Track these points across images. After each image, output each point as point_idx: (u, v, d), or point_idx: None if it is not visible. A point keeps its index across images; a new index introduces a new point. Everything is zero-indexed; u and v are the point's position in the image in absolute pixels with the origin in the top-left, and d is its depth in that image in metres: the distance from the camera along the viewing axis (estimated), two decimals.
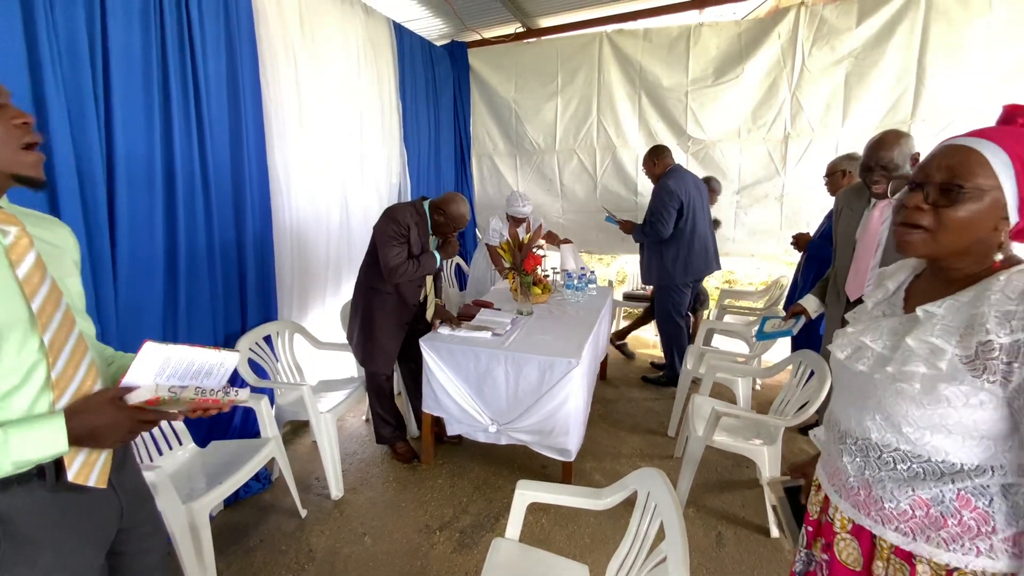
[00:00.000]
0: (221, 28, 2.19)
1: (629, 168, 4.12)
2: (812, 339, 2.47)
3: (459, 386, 2.30)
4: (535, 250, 2.87)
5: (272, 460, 2.06)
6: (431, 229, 2.39)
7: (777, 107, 3.59)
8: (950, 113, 3.16)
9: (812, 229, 3.18)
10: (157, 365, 0.85)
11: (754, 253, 4.06)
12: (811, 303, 1.99)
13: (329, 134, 2.95)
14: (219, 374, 0.94)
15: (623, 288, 4.80)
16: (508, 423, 2.25)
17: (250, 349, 2.28)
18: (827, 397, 1.78)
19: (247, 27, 2.32)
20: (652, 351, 4.19)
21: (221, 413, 2.45)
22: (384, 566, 1.89)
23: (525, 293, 2.72)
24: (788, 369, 2.32)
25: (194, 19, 2.04)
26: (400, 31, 3.62)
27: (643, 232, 3.24)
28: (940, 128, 3.17)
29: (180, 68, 2.00)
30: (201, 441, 2.01)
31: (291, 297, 2.75)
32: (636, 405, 3.21)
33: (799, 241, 2.89)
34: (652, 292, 3.60)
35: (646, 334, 4.70)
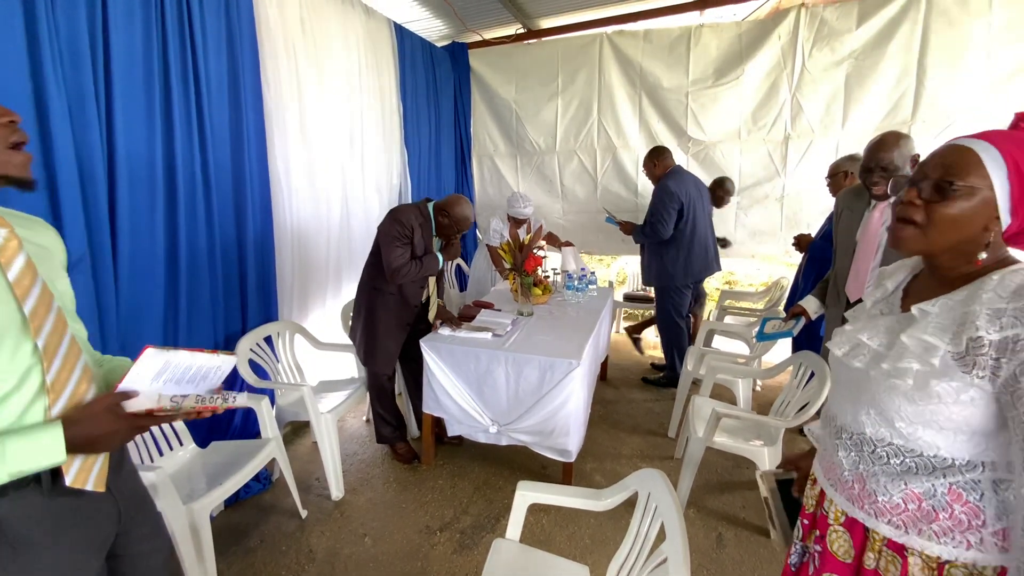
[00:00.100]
0: (222, 28, 2.19)
1: (629, 169, 4.12)
2: (813, 340, 2.47)
3: (459, 387, 2.30)
4: (535, 251, 2.87)
5: (272, 461, 2.06)
6: (435, 231, 2.39)
7: (777, 108, 3.59)
8: (950, 114, 3.16)
9: (812, 230, 3.18)
10: (156, 370, 0.84)
11: (754, 254, 4.07)
12: (811, 304, 1.99)
13: (330, 134, 2.95)
14: (216, 377, 0.94)
15: (623, 289, 4.80)
16: (508, 424, 2.25)
17: (251, 350, 2.27)
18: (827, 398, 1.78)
19: (248, 28, 2.32)
20: (652, 352, 4.19)
21: (221, 413, 2.45)
22: (384, 567, 1.89)
23: (525, 294, 2.72)
24: (788, 370, 2.32)
25: (195, 19, 2.04)
26: (401, 32, 3.62)
27: (643, 233, 3.24)
28: (940, 129, 3.18)
29: (181, 68, 2.01)
30: (201, 441, 2.01)
31: (292, 297, 2.75)
32: (636, 406, 3.20)
33: (800, 242, 2.89)
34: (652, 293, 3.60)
35: (647, 335, 4.69)
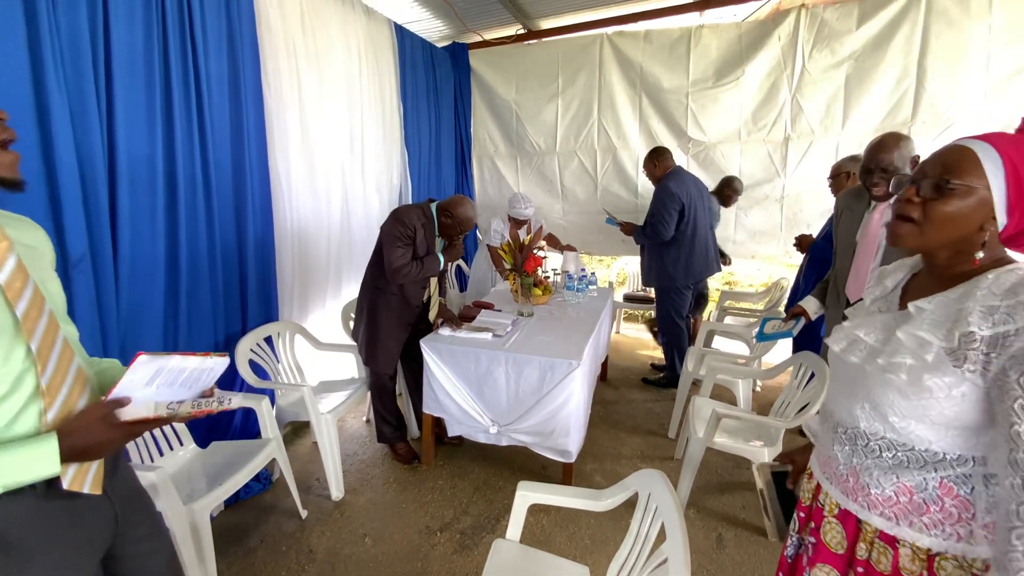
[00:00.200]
0: (223, 29, 2.20)
1: (630, 170, 4.12)
2: (813, 341, 2.47)
3: (460, 387, 2.30)
4: (536, 251, 2.87)
5: (273, 461, 2.06)
6: (438, 231, 2.40)
7: (777, 109, 3.59)
8: (950, 115, 3.17)
9: (812, 231, 3.18)
10: (148, 376, 0.83)
11: (754, 255, 4.07)
12: (811, 304, 2.00)
13: (330, 135, 2.95)
14: (208, 378, 0.94)
15: (623, 289, 4.80)
16: (509, 424, 2.25)
17: (251, 350, 2.27)
18: None
19: (248, 28, 2.33)
20: (652, 352, 4.20)
21: (221, 413, 2.45)
22: (384, 567, 1.89)
23: (526, 294, 2.72)
24: (788, 371, 2.32)
25: (196, 20, 2.05)
26: (401, 32, 3.62)
27: (644, 234, 3.24)
28: (940, 130, 3.18)
29: (182, 68, 2.01)
30: (202, 442, 2.01)
31: (292, 298, 2.75)
32: (636, 406, 3.21)
33: (801, 243, 2.89)
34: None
35: (647, 335, 4.70)
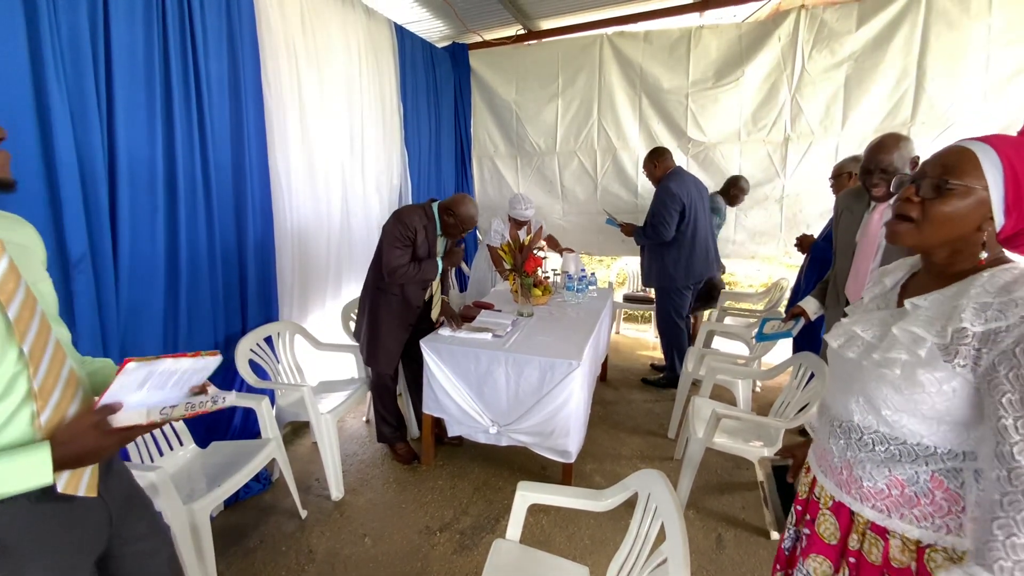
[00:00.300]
0: (223, 28, 2.20)
1: (629, 170, 4.12)
2: (813, 341, 2.47)
3: (460, 387, 2.30)
4: (536, 252, 2.87)
5: (272, 461, 2.06)
6: (441, 230, 2.40)
7: (777, 109, 3.60)
8: (950, 116, 3.17)
9: (812, 231, 3.18)
10: (139, 380, 0.82)
11: (754, 255, 4.07)
12: (811, 305, 2.00)
13: (330, 135, 2.95)
14: (199, 378, 0.93)
15: (623, 290, 4.80)
16: (508, 424, 2.25)
17: (251, 350, 2.28)
18: None
19: (249, 28, 2.33)
20: (652, 353, 4.20)
21: (221, 413, 2.44)
22: (384, 567, 1.89)
23: (525, 295, 2.72)
24: (788, 371, 2.32)
25: (196, 20, 2.05)
26: (401, 33, 3.63)
27: (644, 234, 3.24)
28: (940, 131, 3.18)
29: (182, 69, 2.01)
30: (201, 442, 2.01)
31: (292, 298, 2.75)
32: (636, 407, 3.21)
33: (802, 243, 2.89)
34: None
35: (646, 335, 4.70)
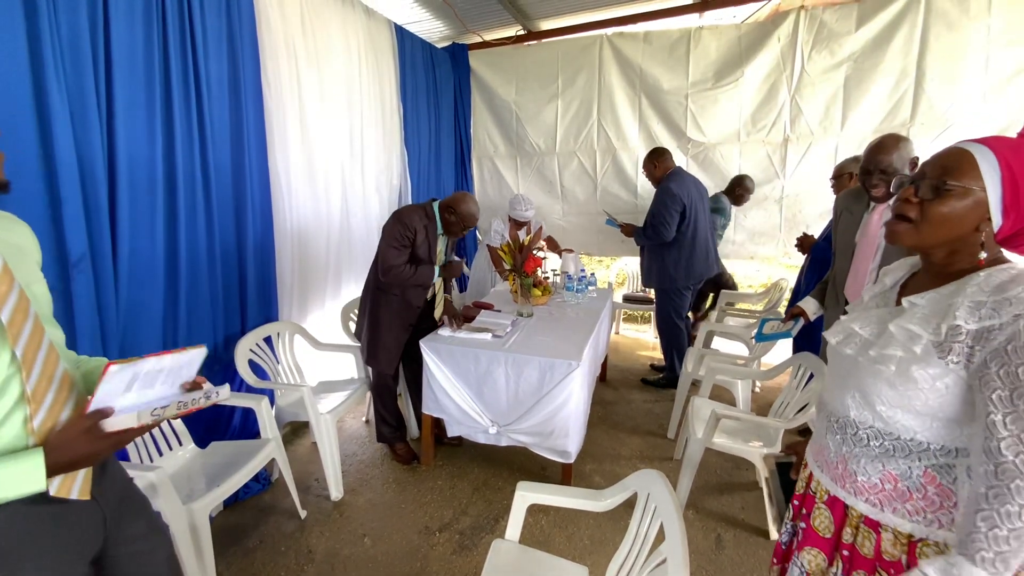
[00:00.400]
0: (223, 29, 2.20)
1: (629, 170, 4.12)
2: (812, 342, 2.47)
3: (459, 387, 2.30)
4: (535, 252, 2.87)
5: (272, 461, 2.06)
6: (442, 229, 2.41)
7: (776, 110, 3.60)
8: (949, 117, 3.17)
9: (811, 232, 3.18)
10: (124, 383, 0.81)
11: (753, 255, 4.07)
12: (810, 305, 2.00)
13: (330, 135, 2.95)
14: (188, 372, 0.92)
15: (623, 290, 4.80)
16: (508, 425, 2.25)
17: (250, 350, 2.28)
18: None
19: (249, 29, 2.33)
20: (652, 353, 4.20)
21: (221, 413, 2.43)
22: (384, 567, 1.89)
23: (525, 295, 2.72)
24: (788, 371, 2.32)
25: (196, 20, 2.05)
26: (401, 33, 3.63)
27: (645, 235, 3.24)
28: (939, 132, 3.18)
29: (182, 69, 2.01)
30: (201, 442, 2.01)
31: (291, 298, 2.75)
32: (636, 407, 3.21)
33: (803, 243, 2.89)
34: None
35: (646, 336, 4.70)
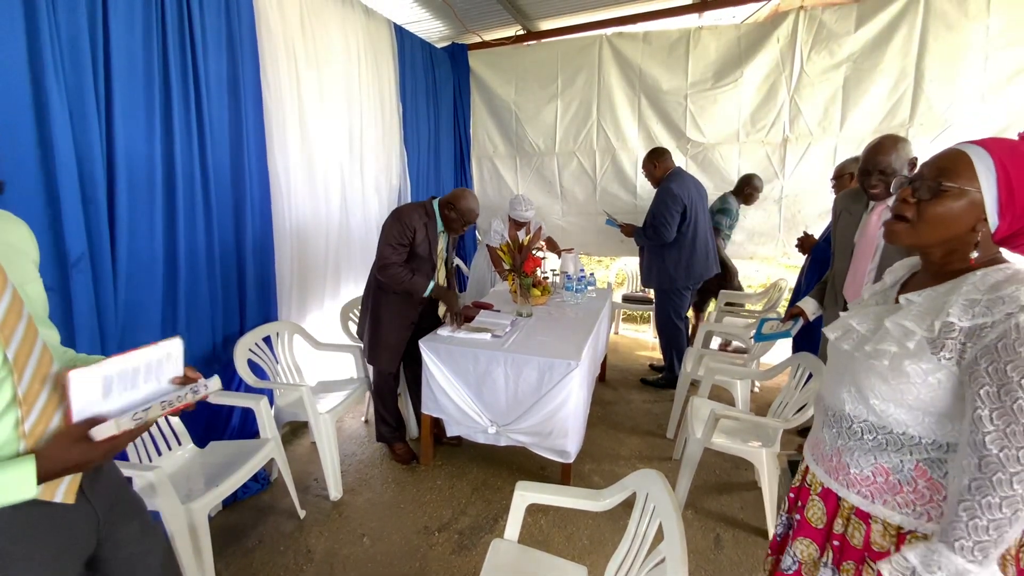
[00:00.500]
0: (222, 29, 2.20)
1: (628, 171, 4.13)
2: (812, 342, 2.47)
3: (458, 387, 2.30)
4: (535, 252, 2.87)
5: (271, 461, 2.06)
6: (443, 226, 2.41)
7: (776, 110, 3.60)
8: (948, 118, 3.17)
9: (810, 231, 3.18)
10: (99, 388, 0.79)
11: (753, 255, 4.08)
12: (809, 305, 2.00)
13: (329, 135, 2.95)
14: (171, 365, 0.89)
15: (622, 290, 4.80)
16: (507, 424, 2.25)
17: (249, 350, 2.27)
18: None
19: (248, 28, 2.33)
20: (651, 353, 4.20)
21: (220, 412, 2.43)
22: (383, 567, 1.89)
23: (524, 295, 2.72)
24: (787, 371, 2.33)
25: (195, 20, 2.05)
26: (401, 33, 3.63)
27: (645, 235, 3.24)
28: (938, 132, 3.19)
29: (181, 69, 2.01)
30: (200, 441, 2.01)
31: (290, 298, 2.75)
32: (635, 407, 3.21)
33: (804, 244, 2.89)
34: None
35: (645, 336, 4.70)
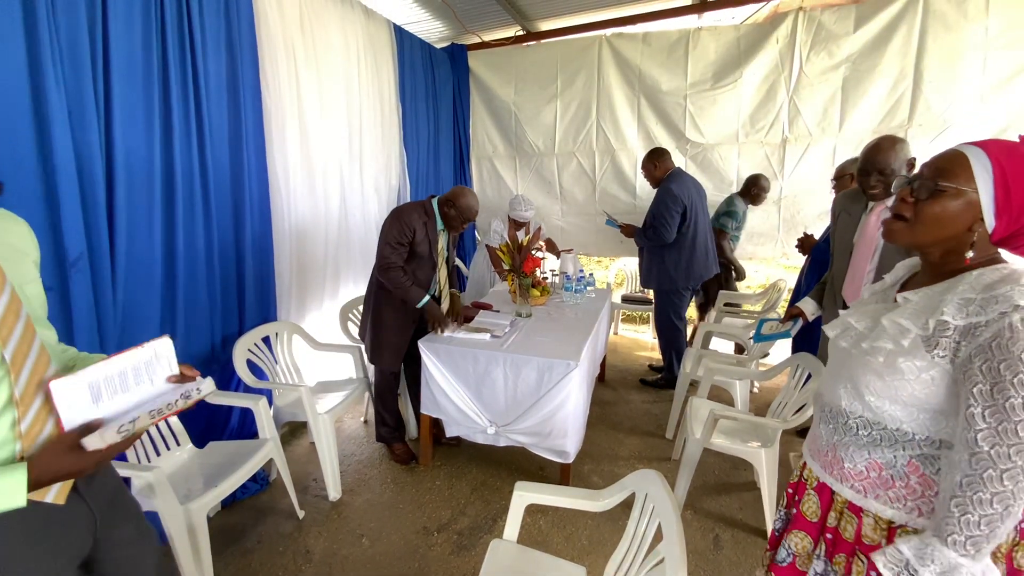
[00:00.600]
0: (222, 29, 2.20)
1: (628, 171, 4.13)
2: (811, 342, 2.48)
3: (458, 388, 2.30)
4: (534, 252, 2.87)
5: (270, 461, 2.06)
6: (443, 224, 2.41)
7: (775, 111, 3.61)
8: (947, 118, 3.18)
9: (810, 232, 3.19)
10: (86, 395, 0.77)
11: (752, 256, 4.08)
12: (809, 305, 2.00)
13: (329, 136, 2.95)
14: (162, 365, 0.88)
15: (621, 291, 4.80)
16: (507, 425, 2.25)
17: (248, 350, 2.27)
18: None
19: (247, 29, 2.33)
20: (650, 353, 4.20)
21: (219, 413, 2.42)
22: (382, 568, 1.88)
23: (524, 295, 2.72)
24: (786, 372, 2.33)
25: (195, 21, 2.05)
26: (400, 33, 3.63)
27: (645, 236, 3.23)
28: (937, 133, 3.20)
29: (180, 69, 2.01)
30: (199, 442, 2.01)
31: (290, 298, 2.75)
32: (634, 407, 3.21)
33: (804, 244, 2.90)
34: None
35: (644, 336, 4.70)
